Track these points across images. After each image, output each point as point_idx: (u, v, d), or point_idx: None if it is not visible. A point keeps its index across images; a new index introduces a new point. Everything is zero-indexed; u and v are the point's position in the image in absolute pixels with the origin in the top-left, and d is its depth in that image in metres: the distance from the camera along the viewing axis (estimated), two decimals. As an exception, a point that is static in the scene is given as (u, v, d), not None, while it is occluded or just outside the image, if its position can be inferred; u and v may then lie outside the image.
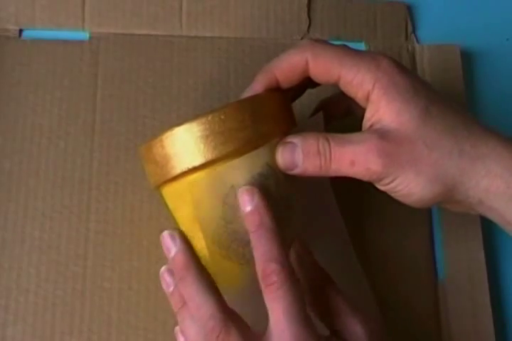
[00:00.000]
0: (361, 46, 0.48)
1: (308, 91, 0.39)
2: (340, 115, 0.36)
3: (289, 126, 0.36)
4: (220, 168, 0.33)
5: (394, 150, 0.32)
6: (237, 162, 0.33)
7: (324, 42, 0.35)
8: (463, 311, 0.43)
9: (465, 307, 0.43)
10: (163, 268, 0.35)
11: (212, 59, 0.46)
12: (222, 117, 0.33)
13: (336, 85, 0.34)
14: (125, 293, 0.40)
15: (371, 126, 0.33)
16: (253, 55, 0.46)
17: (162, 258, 0.41)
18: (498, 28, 0.51)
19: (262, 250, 0.32)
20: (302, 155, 0.33)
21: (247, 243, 0.34)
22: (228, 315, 0.31)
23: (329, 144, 0.32)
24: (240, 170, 0.33)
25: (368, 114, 0.33)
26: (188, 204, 0.34)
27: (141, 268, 0.41)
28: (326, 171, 0.33)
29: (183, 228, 0.36)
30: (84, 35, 0.45)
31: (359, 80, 0.33)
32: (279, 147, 0.34)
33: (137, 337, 0.39)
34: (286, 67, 0.35)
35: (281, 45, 0.47)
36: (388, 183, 0.32)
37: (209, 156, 0.33)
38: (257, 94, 0.35)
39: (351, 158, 0.32)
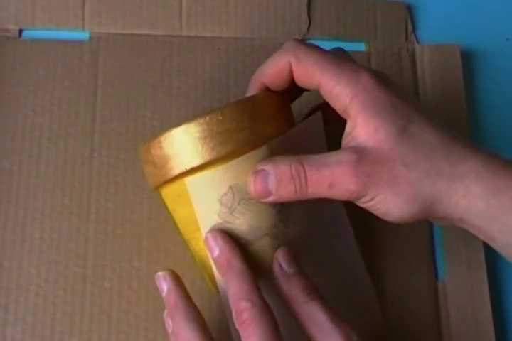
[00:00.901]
0: (361, 46, 0.48)
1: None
2: (336, 120, 0.36)
3: (288, 126, 0.36)
4: (219, 169, 0.33)
5: (372, 170, 0.31)
6: (235, 162, 0.33)
7: (308, 46, 0.34)
8: (463, 311, 0.43)
9: (465, 307, 0.43)
10: (165, 312, 0.35)
11: (212, 59, 0.46)
12: (220, 118, 0.33)
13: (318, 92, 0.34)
14: (125, 293, 0.40)
15: (349, 142, 0.33)
16: (253, 55, 0.46)
17: (162, 259, 0.41)
18: (498, 28, 0.51)
19: (233, 291, 0.32)
20: (275, 182, 0.32)
21: (244, 244, 0.34)
22: None
23: (304, 168, 0.32)
24: (238, 171, 0.33)
25: (347, 129, 0.33)
26: (187, 205, 0.34)
27: (141, 268, 0.41)
28: (302, 196, 0.32)
29: (182, 228, 0.36)
30: (84, 35, 0.45)
31: (337, 92, 0.33)
32: (251, 176, 0.33)
33: (137, 337, 0.40)
34: (272, 72, 0.35)
35: (281, 45, 0.46)
36: (367, 201, 0.32)
37: (207, 157, 0.33)
38: (255, 95, 0.35)
39: (329, 181, 0.32)
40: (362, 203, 0.33)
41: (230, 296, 0.33)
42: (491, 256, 0.45)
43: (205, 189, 0.33)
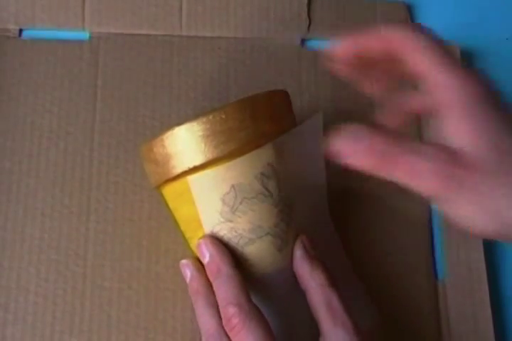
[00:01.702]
0: (361, 46, 0.48)
1: (309, 90, 0.39)
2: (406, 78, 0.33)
3: (290, 125, 0.36)
4: (221, 168, 0.33)
5: (459, 175, 0.29)
6: (238, 161, 0.33)
7: (426, 32, 0.32)
8: (463, 311, 0.43)
9: (465, 307, 0.43)
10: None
11: (212, 59, 0.46)
12: (223, 117, 0.33)
13: (418, 78, 0.32)
14: (125, 292, 0.40)
15: (444, 139, 0.31)
16: (253, 55, 0.46)
17: (162, 258, 0.41)
18: (498, 27, 0.51)
19: (221, 296, 0.33)
20: (363, 147, 0.30)
21: (246, 242, 0.34)
22: (224, 336, 0.33)
23: (393, 147, 0.30)
24: (241, 170, 0.33)
25: (446, 125, 0.31)
26: (189, 204, 0.34)
27: (141, 268, 0.41)
28: (377, 171, 0.31)
29: (183, 227, 0.36)
30: (84, 35, 0.45)
31: (446, 85, 0.30)
32: (338, 132, 0.31)
33: (137, 337, 0.39)
34: (379, 40, 0.33)
35: (281, 45, 0.47)
36: (443, 203, 0.30)
37: (210, 156, 0.33)
38: (257, 94, 0.35)
39: (410, 168, 0.30)
40: (438, 204, 0.31)
41: (218, 302, 0.33)
42: (491, 256, 0.45)
43: (207, 187, 0.33)
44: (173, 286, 0.40)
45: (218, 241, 0.34)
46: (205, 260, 0.34)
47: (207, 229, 0.34)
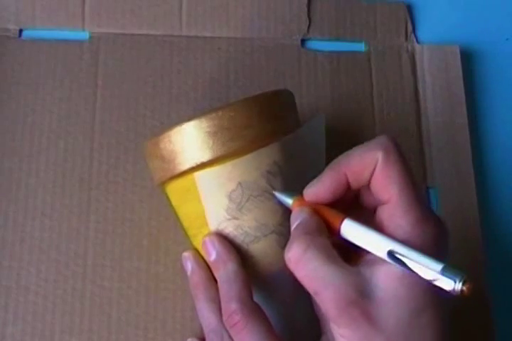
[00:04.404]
0: (361, 46, 0.48)
1: (309, 90, 0.39)
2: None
3: (294, 125, 0.36)
4: (228, 165, 0.33)
5: (362, 310, 0.28)
6: (245, 159, 0.33)
7: (399, 148, 0.30)
8: (463, 311, 0.43)
9: (465, 308, 0.43)
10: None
11: (212, 59, 0.46)
12: (232, 114, 0.33)
13: (384, 202, 0.30)
14: (125, 292, 0.40)
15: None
16: (253, 55, 0.46)
17: (162, 258, 0.41)
18: (498, 27, 0.51)
19: (224, 292, 0.33)
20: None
21: (251, 240, 0.34)
22: (226, 331, 0.33)
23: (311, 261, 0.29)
24: (247, 167, 0.33)
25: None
26: (194, 200, 0.34)
27: (141, 267, 0.41)
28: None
29: (187, 224, 0.36)
30: (84, 35, 0.45)
31: (401, 224, 0.29)
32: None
33: (137, 337, 0.39)
34: (356, 166, 0.30)
35: (281, 45, 0.47)
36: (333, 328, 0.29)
37: (218, 152, 0.33)
38: (264, 93, 0.35)
39: (315, 288, 0.29)
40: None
41: (221, 298, 0.33)
42: (491, 256, 0.45)
43: (214, 184, 0.33)
44: (173, 286, 0.40)
45: (224, 239, 0.34)
46: (211, 257, 0.34)
47: (212, 226, 0.34)
